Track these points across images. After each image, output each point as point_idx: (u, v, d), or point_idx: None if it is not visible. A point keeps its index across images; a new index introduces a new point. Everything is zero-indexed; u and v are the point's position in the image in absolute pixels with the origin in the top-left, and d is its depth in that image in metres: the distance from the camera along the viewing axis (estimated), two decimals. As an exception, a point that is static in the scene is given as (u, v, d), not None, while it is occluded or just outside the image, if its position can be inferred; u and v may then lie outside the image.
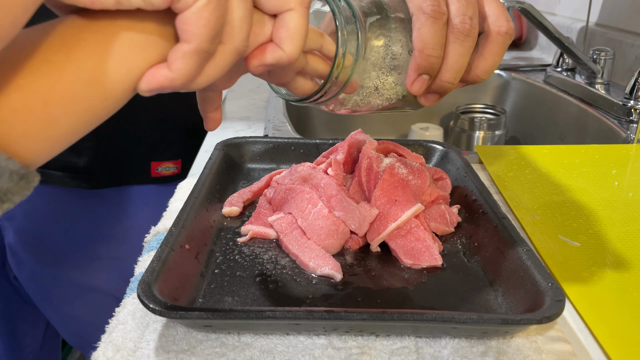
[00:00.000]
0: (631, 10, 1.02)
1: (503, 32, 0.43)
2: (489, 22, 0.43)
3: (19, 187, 0.24)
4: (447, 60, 0.42)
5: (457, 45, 0.41)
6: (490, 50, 0.43)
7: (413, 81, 0.42)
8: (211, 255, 0.47)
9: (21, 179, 0.24)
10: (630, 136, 0.80)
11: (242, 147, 0.64)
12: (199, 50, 0.27)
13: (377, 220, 0.48)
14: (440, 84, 0.43)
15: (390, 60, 0.42)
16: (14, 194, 0.24)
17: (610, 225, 0.54)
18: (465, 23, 0.41)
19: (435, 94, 0.44)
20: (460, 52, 0.42)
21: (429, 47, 0.41)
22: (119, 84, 0.27)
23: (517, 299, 0.41)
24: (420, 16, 0.41)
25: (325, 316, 0.36)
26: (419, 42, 0.41)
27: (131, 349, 0.37)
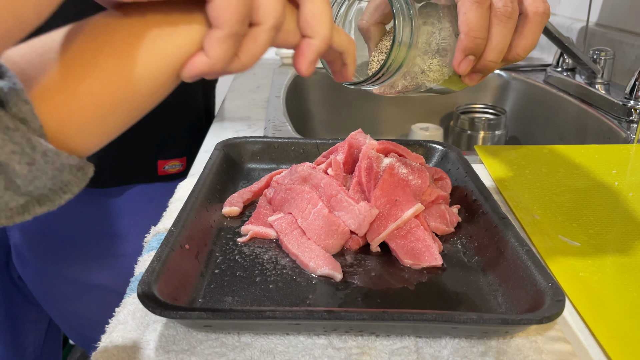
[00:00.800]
0: (631, 10, 1.02)
1: (541, 12, 0.47)
2: (526, 4, 0.47)
3: (78, 178, 0.28)
4: (491, 41, 0.45)
5: (500, 27, 0.45)
6: (530, 29, 0.47)
7: (460, 62, 0.46)
8: (211, 255, 0.47)
9: (78, 170, 0.28)
10: (630, 136, 0.80)
11: (242, 147, 0.64)
12: (230, 34, 0.29)
13: (377, 220, 0.48)
14: (485, 63, 0.46)
15: (438, 44, 0.46)
16: (74, 185, 0.28)
17: (610, 225, 0.54)
18: (507, 6, 0.45)
19: (479, 73, 0.48)
20: (503, 33, 0.45)
21: (474, 29, 0.44)
22: (164, 79, 0.29)
23: (517, 299, 0.41)
24: (465, 1, 0.44)
25: (325, 316, 0.36)
26: (465, 26, 0.44)
27: (131, 349, 0.37)
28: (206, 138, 0.77)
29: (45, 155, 0.26)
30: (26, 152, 0.25)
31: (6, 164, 0.25)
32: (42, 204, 0.27)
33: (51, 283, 0.84)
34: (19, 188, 0.26)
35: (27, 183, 0.26)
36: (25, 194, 0.26)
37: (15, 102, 0.25)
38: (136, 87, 0.29)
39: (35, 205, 0.27)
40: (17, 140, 0.25)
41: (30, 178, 0.26)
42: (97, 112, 0.28)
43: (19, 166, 0.25)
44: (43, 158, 0.26)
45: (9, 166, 0.25)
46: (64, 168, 0.27)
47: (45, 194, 0.27)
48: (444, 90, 0.52)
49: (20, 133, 0.25)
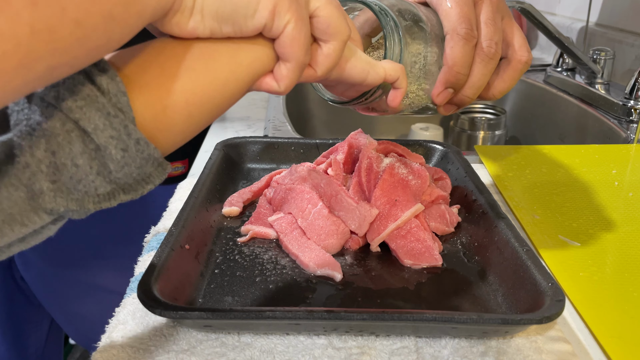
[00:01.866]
0: (631, 10, 1.02)
1: (523, 61, 0.49)
2: (512, 50, 0.49)
3: (158, 172, 0.30)
4: (471, 78, 0.47)
5: (481, 66, 0.47)
6: (510, 75, 0.49)
7: (439, 93, 0.47)
8: (211, 255, 0.47)
9: (159, 165, 0.30)
10: (630, 136, 0.80)
11: (242, 147, 0.64)
12: (297, 65, 0.34)
13: (377, 220, 0.48)
14: (462, 97, 0.48)
15: (422, 72, 0.47)
16: (155, 177, 0.30)
17: (610, 225, 0.54)
18: (491, 47, 0.46)
19: (454, 105, 0.50)
20: (483, 72, 0.47)
21: (458, 65, 0.46)
22: (243, 85, 0.33)
23: (517, 299, 0.41)
24: (454, 36, 0.45)
25: (325, 316, 0.36)
26: (450, 60, 0.46)
27: (131, 349, 0.37)
28: (206, 138, 0.77)
29: (138, 144, 0.28)
30: (122, 139, 0.27)
31: (104, 147, 0.27)
32: (126, 192, 0.29)
33: (54, 284, 0.84)
34: (110, 174, 0.28)
35: (118, 169, 0.28)
36: (114, 181, 0.28)
37: (115, 93, 0.28)
38: (222, 89, 0.32)
39: (120, 193, 0.29)
40: (116, 126, 0.27)
41: (122, 164, 0.28)
42: (186, 108, 0.31)
43: (115, 151, 0.27)
44: (135, 146, 0.28)
45: (107, 149, 0.27)
46: (149, 159, 0.29)
47: (130, 183, 0.29)
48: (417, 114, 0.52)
49: (119, 120, 0.27)
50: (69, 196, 0.27)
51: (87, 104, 0.27)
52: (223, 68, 0.32)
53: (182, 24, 0.30)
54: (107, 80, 0.28)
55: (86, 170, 0.27)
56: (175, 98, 0.30)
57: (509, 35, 0.49)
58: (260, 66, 0.33)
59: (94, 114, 0.27)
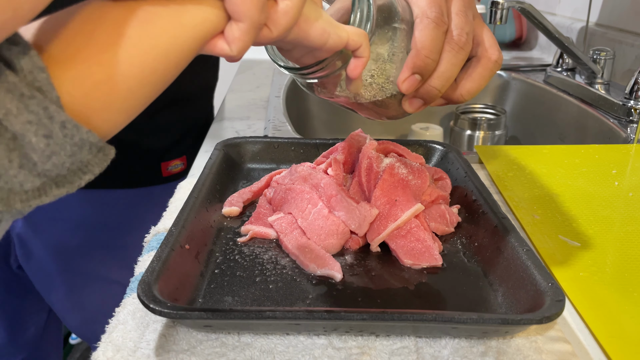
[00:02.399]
0: (631, 10, 1.02)
1: (493, 60, 0.47)
2: (482, 48, 0.47)
3: (98, 159, 0.26)
4: (439, 67, 0.45)
5: (451, 55, 0.45)
6: (479, 73, 0.47)
7: (405, 79, 0.44)
8: (211, 255, 0.47)
9: (99, 151, 0.26)
10: (630, 136, 0.80)
11: (242, 147, 0.64)
12: (251, 25, 0.30)
13: (377, 220, 0.48)
14: (428, 88, 0.46)
15: (389, 57, 0.45)
16: (94, 165, 0.26)
17: (610, 225, 0.54)
18: (462, 36, 0.45)
19: (420, 99, 0.47)
20: (452, 62, 0.45)
21: (426, 48, 0.43)
22: (188, 53, 0.29)
23: (517, 299, 0.41)
24: (424, 19, 0.44)
25: (325, 316, 0.36)
26: (419, 43, 0.44)
27: (131, 349, 0.37)
28: (206, 138, 0.77)
29: (64, 127, 0.24)
30: (43, 123, 0.23)
31: (22, 135, 0.23)
32: (60, 186, 0.25)
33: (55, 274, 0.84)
34: (36, 166, 0.24)
35: (44, 159, 0.24)
36: (42, 174, 0.24)
37: (30, 69, 0.23)
38: (164, 57, 0.28)
39: (52, 187, 0.25)
40: (32, 109, 0.23)
41: (47, 153, 0.24)
42: (125, 82, 0.26)
43: (36, 138, 0.23)
44: (61, 130, 0.24)
45: (25, 138, 0.23)
46: (83, 145, 0.25)
47: (64, 174, 0.25)
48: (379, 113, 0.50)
49: (36, 101, 0.23)
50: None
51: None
52: (164, 33, 0.27)
53: None
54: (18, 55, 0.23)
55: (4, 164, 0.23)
56: (108, 72, 0.26)
57: (479, 35, 0.47)
58: (208, 28, 0.29)
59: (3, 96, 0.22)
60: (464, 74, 0.47)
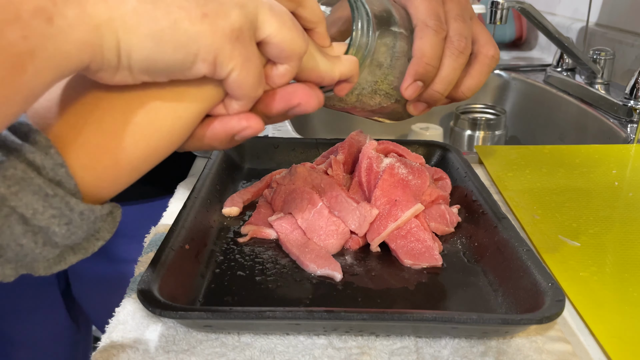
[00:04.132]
0: (631, 10, 1.02)
1: (490, 56, 0.48)
2: (478, 46, 0.49)
3: (108, 224, 0.30)
4: (440, 72, 0.46)
5: (451, 60, 0.46)
6: (477, 70, 0.48)
7: (408, 85, 0.46)
8: (211, 255, 0.47)
9: (108, 216, 0.29)
10: (630, 136, 0.80)
11: (242, 147, 0.64)
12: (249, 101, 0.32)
13: (377, 220, 0.48)
14: (431, 93, 0.47)
15: (391, 65, 0.46)
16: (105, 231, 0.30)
17: (610, 225, 0.54)
18: (461, 41, 0.46)
19: (424, 103, 0.49)
20: (453, 66, 0.46)
21: (427, 55, 0.45)
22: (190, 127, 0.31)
23: (517, 299, 0.41)
24: (423, 28, 0.45)
25: (325, 316, 0.36)
26: (419, 51, 0.45)
27: (131, 349, 0.37)
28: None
29: (82, 215, 0.27)
30: (65, 214, 0.27)
31: (47, 228, 0.26)
32: (76, 252, 0.29)
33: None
34: (57, 244, 0.27)
35: (64, 239, 0.27)
36: (61, 247, 0.28)
37: (52, 167, 0.26)
38: (167, 137, 0.30)
39: (70, 254, 0.29)
40: (56, 205, 0.26)
41: (67, 235, 0.27)
42: (130, 164, 0.29)
43: (58, 228, 0.27)
44: (80, 217, 0.27)
45: (50, 229, 0.26)
46: (97, 220, 0.28)
47: (79, 242, 0.28)
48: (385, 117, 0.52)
49: (59, 198, 0.26)
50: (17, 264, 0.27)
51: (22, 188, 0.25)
52: (167, 116, 0.30)
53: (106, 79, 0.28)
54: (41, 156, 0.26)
55: (31, 246, 0.26)
56: (117, 156, 0.29)
57: (476, 33, 0.48)
58: (209, 104, 0.32)
59: (30, 198, 0.25)
60: (463, 72, 0.48)
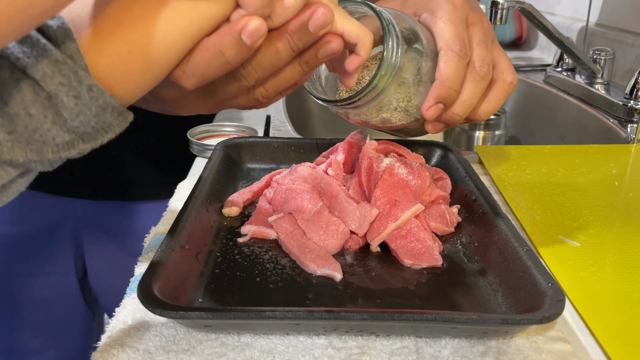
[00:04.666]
0: (631, 10, 1.02)
1: (509, 82, 0.49)
2: (498, 71, 0.49)
3: (119, 122, 0.30)
4: (462, 96, 0.47)
5: (473, 84, 0.47)
6: (495, 95, 0.50)
7: (429, 107, 0.47)
8: (211, 255, 0.47)
9: (119, 115, 0.30)
10: (630, 136, 0.80)
11: (242, 147, 0.64)
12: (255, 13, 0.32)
13: (377, 220, 0.48)
14: (451, 115, 0.48)
15: (414, 84, 0.47)
16: (115, 126, 0.30)
17: (610, 225, 0.54)
18: (484, 67, 0.47)
19: (442, 123, 0.50)
20: (474, 91, 0.47)
21: (451, 80, 0.46)
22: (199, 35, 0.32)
23: (517, 299, 0.41)
24: (448, 52, 0.46)
25: (325, 316, 0.36)
26: (443, 74, 0.46)
27: (131, 349, 0.37)
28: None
29: (90, 90, 0.28)
30: (73, 85, 0.27)
31: (55, 95, 0.27)
32: (86, 141, 0.29)
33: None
34: (66, 122, 0.28)
35: (73, 117, 0.28)
36: (71, 131, 0.28)
37: (63, 39, 0.27)
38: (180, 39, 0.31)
39: (79, 142, 0.29)
40: (65, 73, 0.27)
41: (76, 112, 0.28)
42: (142, 57, 0.30)
43: (67, 98, 0.27)
44: (88, 93, 0.28)
45: (58, 97, 0.27)
46: (106, 107, 0.29)
47: (89, 132, 0.29)
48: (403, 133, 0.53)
49: (68, 67, 0.27)
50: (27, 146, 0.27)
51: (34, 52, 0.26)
52: (182, 17, 0.31)
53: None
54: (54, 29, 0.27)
55: (40, 119, 0.27)
56: (130, 47, 0.30)
57: (496, 58, 0.49)
58: (220, 15, 0.32)
59: (41, 61, 0.27)
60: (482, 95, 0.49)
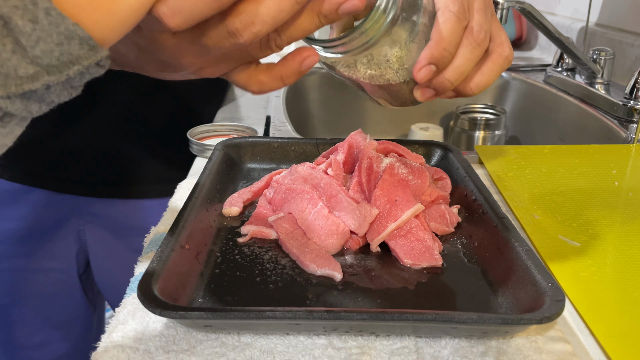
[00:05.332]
0: (631, 10, 1.02)
1: (504, 56, 0.48)
2: (494, 44, 0.48)
3: (88, 54, 0.28)
4: (455, 61, 0.45)
5: (468, 50, 0.45)
6: (489, 68, 0.48)
7: (421, 67, 0.45)
8: (211, 255, 0.47)
9: (90, 49, 0.28)
10: (630, 136, 0.80)
11: (242, 147, 0.64)
12: None
13: (377, 220, 0.48)
14: (442, 80, 0.46)
15: (407, 44, 0.45)
16: (84, 59, 0.28)
17: (610, 225, 0.54)
18: (481, 34, 0.45)
19: (431, 90, 0.47)
20: (469, 57, 0.45)
21: (446, 41, 0.44)
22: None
23: (517, 299, 0.41)
24: (446, 12, 0.44)
25: (325, 316, 0.36)
26: (438, 35, 0.44)
27: (131, 349, 0.37)
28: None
29: (48, 14, 0.26)
30: (28, 8, 0.26)
31: (9, 18, 0.26)
32: (50, 74, 0.27)
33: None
34: (26, 51, 0.26)
35: (32, 44, 0.26)
36: (34, 62, 0.27)
37: None
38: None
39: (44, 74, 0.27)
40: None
41: (34, 38, 0.26)
42: None
43: (22, 22, 0.26)
44: (46, 17, 0.26)
45: (12, 21, 0.26)
46: (71, 37, 0.27)
47: (54, 64, 0.27)
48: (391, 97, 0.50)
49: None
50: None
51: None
52: None
53: None
54: None
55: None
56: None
57: (493, 31, 0.48)
58: None
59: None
60: (475, 67, 0.48)
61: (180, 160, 0.75)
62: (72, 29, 0.27)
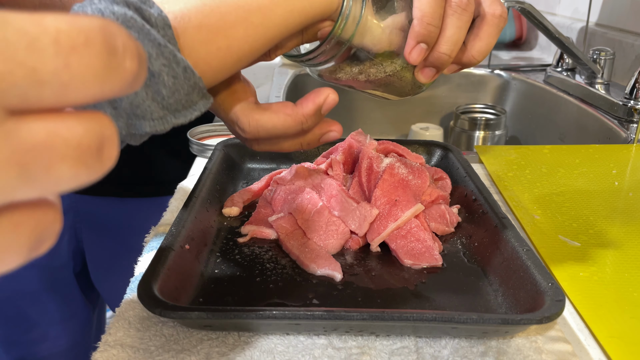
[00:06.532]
0: (631, 10, 1.02)
1: (498, 15, 0.47)
2: (484, 6, 0.47)
3: (202, 101, 0.34)
4: (444, 32, 0.44)
5: (454, 18, 0.44)
6: (485, 31, 0.47)
7: (412, 49, 0.44)
8: (211, 255, 0.47)
9: (203, 96, 0.34)
10: (630, 136, 0.80)
11: (242, 147, 0.64)
12: None
13: (377, 220, 0.48)
14: (438, 55, 0.45)
15: (392, 30, 0.44)
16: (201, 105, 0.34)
17: (610, 225, 0.54)
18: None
19: (432, 67, 0.46)
20: (457, 25, 0.44)
21: (428, 15, 0.43)
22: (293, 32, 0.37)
23: (517, 299, 0.41)
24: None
25: (325, 316, 0.36)
26: (419, 11, 0.43)
27: (131, 349, 0.37)
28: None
29: (185, 72, 0.32)
30: (172, 67, 0.31)
31: (158, 74, 0.31)
32: (177, 117, 0.33)
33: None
34: (163, 100, 0.31)
35: (170, 95, 0.32)
36: (165, 107, 0.32)
37: (162, 26, 0.31)
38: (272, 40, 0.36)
39: (171, 117, 0.33)
40: (166, 55, 0.31)
41: (173, 90, 0.31)
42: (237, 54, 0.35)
43: (167, 77, 0.31)
44: (183, 74, 0.32)
45: (160, 76, 0.31)
46: (195, 88, 0.33)
47: (179, 109, 0.33)
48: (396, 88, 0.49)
49: (169, 50, 0.31)
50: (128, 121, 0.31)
51: (141, 36, 0.30)
52: (278, 20, 0.35)
53: None
54: (155, 16, 0.31)
55: (142, 96, 0.30)
56: (228, 43, 0.34)
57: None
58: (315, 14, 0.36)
59: (147, 44, 0.30)
60: (471, 34, 0.46)
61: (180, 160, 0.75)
62: (197, 82, 0.33)
